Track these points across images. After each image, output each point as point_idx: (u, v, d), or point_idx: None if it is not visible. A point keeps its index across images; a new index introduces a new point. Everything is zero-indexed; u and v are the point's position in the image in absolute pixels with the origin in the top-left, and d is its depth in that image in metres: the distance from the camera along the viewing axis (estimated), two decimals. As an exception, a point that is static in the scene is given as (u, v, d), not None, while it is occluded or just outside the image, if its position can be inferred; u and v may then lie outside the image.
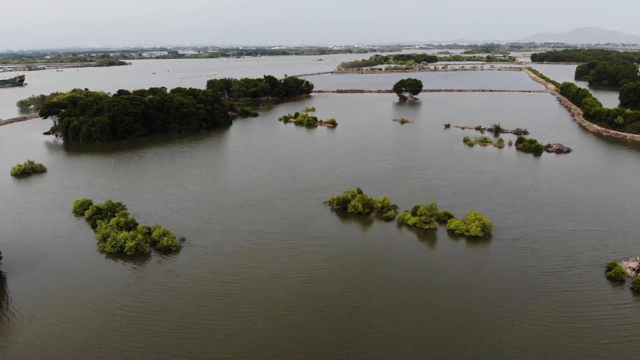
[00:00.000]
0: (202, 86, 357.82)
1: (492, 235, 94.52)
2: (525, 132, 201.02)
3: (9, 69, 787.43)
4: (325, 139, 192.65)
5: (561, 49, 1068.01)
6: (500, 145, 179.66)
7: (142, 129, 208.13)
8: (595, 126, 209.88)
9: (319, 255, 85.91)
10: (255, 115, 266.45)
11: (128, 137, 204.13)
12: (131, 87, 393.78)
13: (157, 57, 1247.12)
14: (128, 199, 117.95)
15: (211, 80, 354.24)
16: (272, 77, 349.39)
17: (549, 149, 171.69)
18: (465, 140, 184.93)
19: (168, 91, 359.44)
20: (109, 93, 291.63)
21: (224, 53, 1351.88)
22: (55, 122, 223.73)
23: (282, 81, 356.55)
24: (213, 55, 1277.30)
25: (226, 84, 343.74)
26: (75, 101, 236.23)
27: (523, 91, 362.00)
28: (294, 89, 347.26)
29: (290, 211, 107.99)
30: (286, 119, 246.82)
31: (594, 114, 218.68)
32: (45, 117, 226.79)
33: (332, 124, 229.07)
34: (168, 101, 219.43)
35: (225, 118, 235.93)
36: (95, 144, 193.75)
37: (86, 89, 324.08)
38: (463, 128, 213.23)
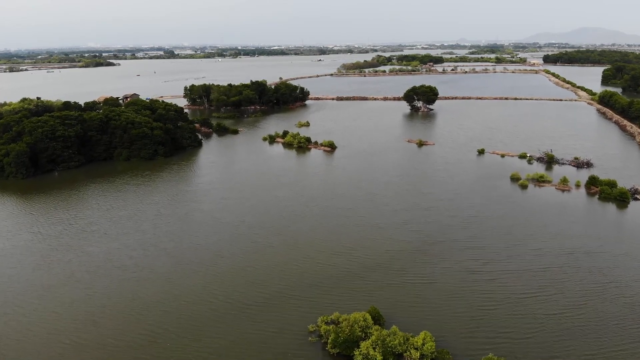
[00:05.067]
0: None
1: None
2: (589, 164, 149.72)
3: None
4: (317, 177, 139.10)
5: (572, 49, 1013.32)
6: (564, 187, 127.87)
7: (76, 158, 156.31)
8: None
9: None
10: (235, 132, 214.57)
11: (57, 168, 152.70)
12: (102, 94, 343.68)
13: (151, 57, 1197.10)
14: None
15: (190, 87, 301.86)
16: (260, 82, 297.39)
17: (638, 196, 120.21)
18: (514, 178, 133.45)
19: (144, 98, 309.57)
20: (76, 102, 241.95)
21: (220, 53, 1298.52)
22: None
23: (273, 87, 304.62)
24: (209, 56, 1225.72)
25: (206, 90, 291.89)
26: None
27: (553, 100, 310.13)
28: (286, 97, 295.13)
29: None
30: (272, 139, 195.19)
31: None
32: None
33: (330, 146, 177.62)
34: (114, 119, 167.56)
35: (192, 139, 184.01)
36: (10, 180, 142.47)
37: (38, 98, 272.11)
38: (503, 155, 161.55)
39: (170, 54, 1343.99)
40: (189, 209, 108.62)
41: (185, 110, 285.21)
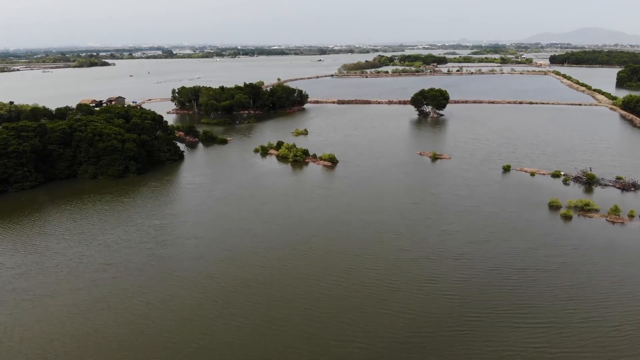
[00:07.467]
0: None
1: None
2: (636, 186, 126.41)
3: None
4: (312, 206, 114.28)
5: (578, 50, 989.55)
6: (616, 218, 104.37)
7: (32, 177, 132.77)
8: None
9: None
10: (224, 142, 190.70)
11: (9, 190, 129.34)
12: (85, 96, 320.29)
13: (149, 57, 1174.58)
14: None
15: (179, 89, 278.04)
16: (255, 85, 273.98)
17: None
18: (553, 205, 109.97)
19: (127, 102, 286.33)
20: (46, 107, 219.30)
21: (219, 53, 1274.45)
22: None
23: (268, 91, 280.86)
24: (207, 55, 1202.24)
25: (195, 93, 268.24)
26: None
27: (571, 104, 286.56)
28: (283, 101, 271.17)
29: None
30: (265, 151, 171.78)
31: None
32: None
33: (330, 161, 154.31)
34: (79, 130, 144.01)
35: (172, 152, 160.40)
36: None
37: (11, 103, 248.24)
38: (533, 174, 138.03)
39: (168, 54, 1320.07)
40: (147, 255, 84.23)
41: (173, 115, 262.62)
